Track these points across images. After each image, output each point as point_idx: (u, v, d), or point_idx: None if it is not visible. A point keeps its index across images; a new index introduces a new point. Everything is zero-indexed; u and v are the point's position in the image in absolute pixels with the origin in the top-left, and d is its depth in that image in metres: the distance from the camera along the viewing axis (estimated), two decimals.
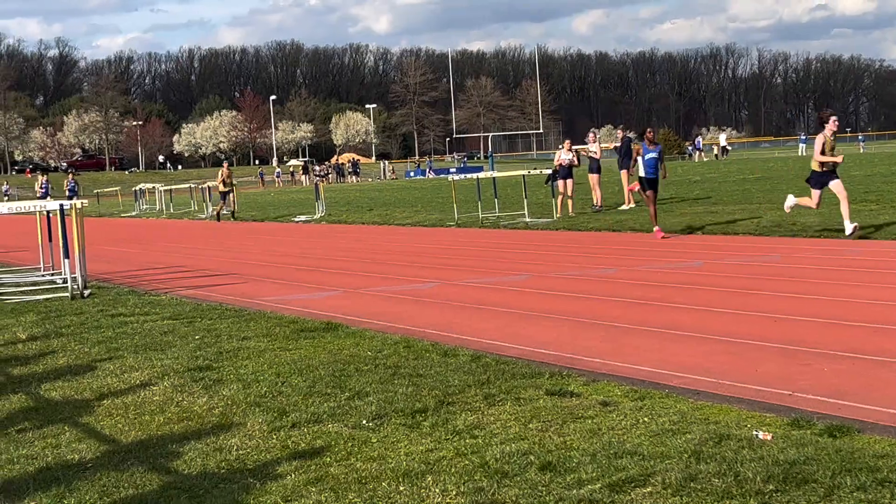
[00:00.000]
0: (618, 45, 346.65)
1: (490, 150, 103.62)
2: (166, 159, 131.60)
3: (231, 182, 34.09)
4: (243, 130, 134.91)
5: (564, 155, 24.98)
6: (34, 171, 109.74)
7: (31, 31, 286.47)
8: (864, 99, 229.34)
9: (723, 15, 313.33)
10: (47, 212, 15.93)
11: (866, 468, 4.80)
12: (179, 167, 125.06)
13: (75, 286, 13.44)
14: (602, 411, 6.12)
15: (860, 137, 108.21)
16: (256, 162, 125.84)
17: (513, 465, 5.14)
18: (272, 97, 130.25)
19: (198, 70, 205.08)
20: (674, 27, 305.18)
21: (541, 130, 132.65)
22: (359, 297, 12.28)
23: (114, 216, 44.28)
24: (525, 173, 25.58)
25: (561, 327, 9.34)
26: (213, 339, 9.36)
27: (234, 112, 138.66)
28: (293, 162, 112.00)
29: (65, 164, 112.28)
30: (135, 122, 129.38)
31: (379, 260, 16.97)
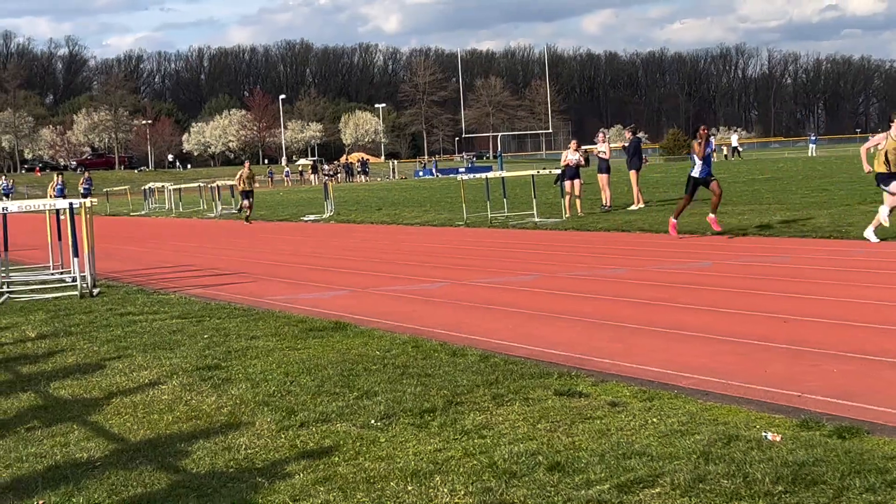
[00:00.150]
0: (627, 45, 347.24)
1: (499, 149, 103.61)
2: (175, 158, 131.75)
3: (252, 182, 32.79)
4: (252, 130, 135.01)
5: (571, 155, 24.96)
6: (44, 169, 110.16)
7: (41, 30, 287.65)
8: (874, 99, 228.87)
9: (733, 15, 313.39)
10: (56, 210, 15.95)
11: (875, 469, 4.79)
12: (189, 166, 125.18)
13: (84, 285, 13.47)
14: (611, 412, 6.12)
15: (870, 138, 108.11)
16: (266, 161, 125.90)
17: (521, 465, 5.14)
18: (281, 96, 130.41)
19: (207, 69, 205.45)
20: (684, 27, 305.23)
21: (550, 130, 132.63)
22: (367, 297, 12.28)
23: (123, 215, 44.37)
24: (534, 173, 25.55)
25: (570, 327, 9.33)
26: (222, 339, 9.37)
27: (244, 111, 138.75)
28: (302, 161, 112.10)
29: (74, 162, 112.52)
30: (144, 121, 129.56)
31: (388, 259, 16.98)
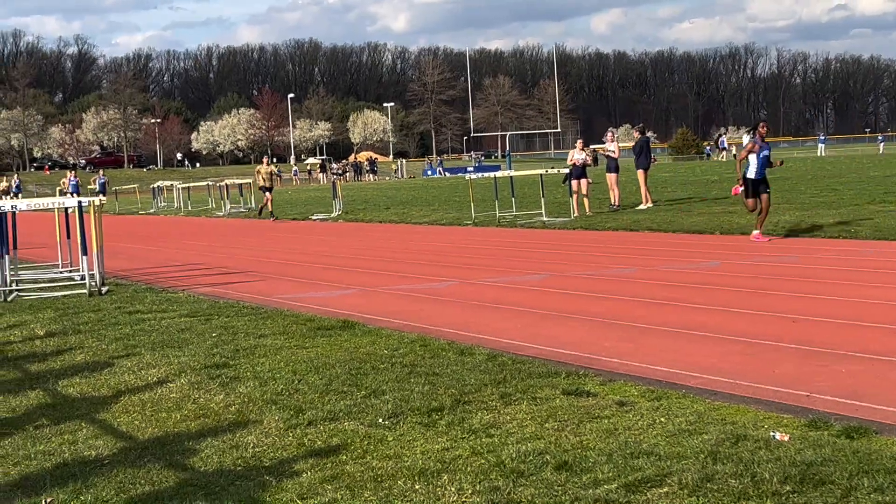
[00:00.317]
0: (636, 45, 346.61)
1: (508, 149, 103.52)
2: (184, 157, 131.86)
3: (272, 178, 31.88)
4: (261, 128, 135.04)
5: (577, 154, 25.00)
6: (52, 167, 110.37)
7: (50, 29, 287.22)
8: (883, 99, 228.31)
9: (742, 14, 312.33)
10: (66, 208, 15.97)
11: (884, 469, 4.77)
12: (197, 165, 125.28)
13: (93, 283, 13.49)
14: (618, 411, 6.11)
15: (880, 138, 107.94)
16: (274, 160, 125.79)
17: (529, 464, 5.13)
18: (290, 95, 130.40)
19: (216, 68, 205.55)
20: (692, 27, 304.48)
21: (558, 130, 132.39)
22: (375, 296, 12.29)
23: (132, 213, 44.45)
24: (542, 172, 25.54)
25: (578, 327, 9.33)
26: (230, 337, 9.38)
27: (252, 110, 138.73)
28: (311, 160, 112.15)
29: (83, 161, 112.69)
30: (153, 120, 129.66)
31: (396, 258, 16.98)
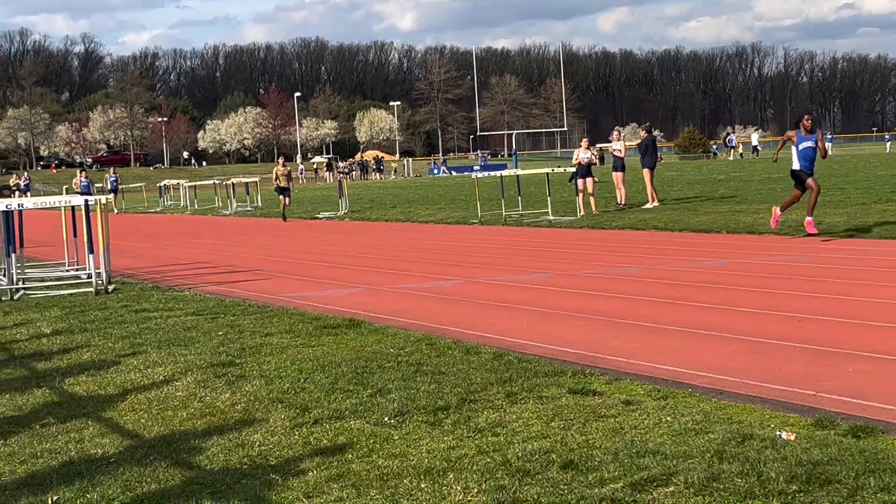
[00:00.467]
0: (643, 44, 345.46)
1: (514, 147, 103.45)
2: (191, 155, 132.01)
3: (289, 179, 32.03)
4: (268, 127, 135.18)
5: (583, 153, 25.01)
6: (59, 166, 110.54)
7: (57, 27, 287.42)
8: (890, 98, 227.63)
9: (749, 13, 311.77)
10: (72, 207, 16.00)
11: (890, 469, 4.76)
12: (204, 163, 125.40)
13: (99, 281, 13.51)
14: (624, 410, 6.10)
15: (886, 136, 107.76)
16: (281, 159, 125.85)
17: (535, 463, 5.13)
18: (297, 94, 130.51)
19: (222, 67, 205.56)
20: (699, 25, 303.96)
21: (565, 128, 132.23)
22: (381, 294, 12.29)
23: (138, 212, 44.50)
24: (549, 171, 25.52)
25: (584, 326, 9.32)
26: (236, 335, 9.38)
27: (259, 109, 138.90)
28: (317, 159, 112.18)
29: (90, 159, 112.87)
30: (159, 119, 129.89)
31: (402, 257, 16.98)
